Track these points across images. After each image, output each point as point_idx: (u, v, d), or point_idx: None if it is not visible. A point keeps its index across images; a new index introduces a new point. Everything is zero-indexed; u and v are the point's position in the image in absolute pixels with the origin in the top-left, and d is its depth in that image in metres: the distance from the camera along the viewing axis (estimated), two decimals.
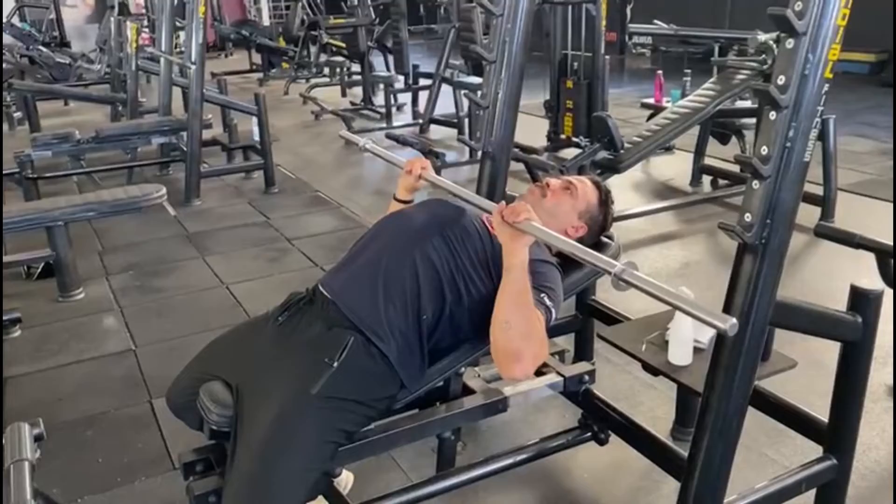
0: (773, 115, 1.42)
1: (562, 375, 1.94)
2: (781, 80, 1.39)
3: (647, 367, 2.07)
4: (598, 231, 1.97)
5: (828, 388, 1.86)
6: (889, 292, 2.00)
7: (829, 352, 1.87)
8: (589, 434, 2.10)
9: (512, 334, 1.56)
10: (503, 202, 1.62)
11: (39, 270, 3.77)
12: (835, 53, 1.38)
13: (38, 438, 1.64)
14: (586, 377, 1.97)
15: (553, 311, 1.69)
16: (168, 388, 1.80)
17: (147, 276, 3.85)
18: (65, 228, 3.48)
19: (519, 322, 1.56)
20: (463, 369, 1.83)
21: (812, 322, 1.73)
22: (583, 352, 2.67)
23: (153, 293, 3.65)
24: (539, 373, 2.00)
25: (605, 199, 1.97)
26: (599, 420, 2.07)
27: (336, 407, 1.54)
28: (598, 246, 1.99)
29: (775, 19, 1.37)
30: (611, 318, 2.51)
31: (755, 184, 1.46)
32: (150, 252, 4.19)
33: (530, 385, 1.92)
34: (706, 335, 2.04)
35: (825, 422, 1.90)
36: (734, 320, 1.23)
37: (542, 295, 1.67)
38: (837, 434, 1.87)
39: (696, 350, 2.02)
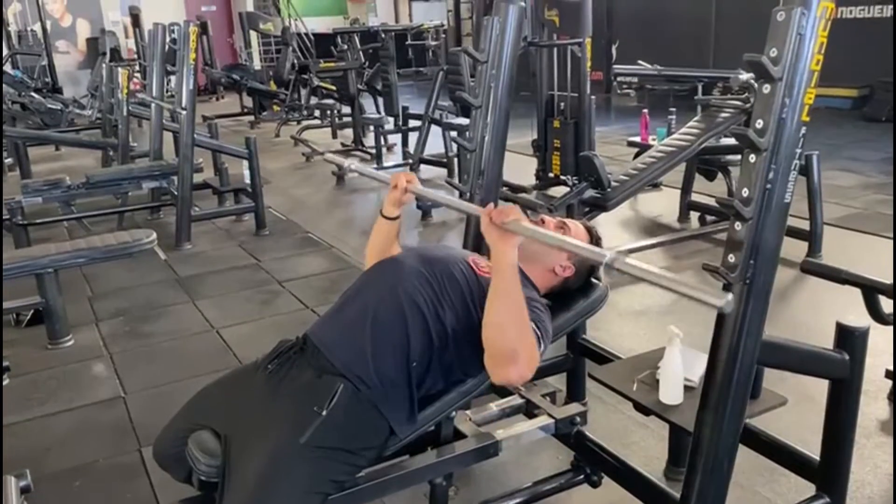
0: (752, 157, 1.45)
1: (553, 417, 1.93)
2: (760, 123, 1.42)
3: (639, 407, 2.07)
4: (585, 274, 1.99)
5: (820, 424, 1.86)
6: (877, 327, 2.02)
7: (819, 387, 1.87)
8: (582, 476, 2.08)
9: (507, 335, 1.57)
10: (490, 204, 1.62)
11: (28, 318, 3.75)
12: (810, 97, 1.42)
13: (24, 490, 1.62)
14: (578, 419, 1.97)
15: (542, 342, 1.68)
16: (155, 439, 1.78)
17: (137, 322, 3.84)
18: (55, 275, 3.47)
19: (513, 322, 1.57)
20: (454, 413, 1.82)
21: (799, 360, 1.74)
22: (574, 391, 2.67)
23: (143, 339, 3.63)
24: (531, 415, 2.00)
25: (595, 243, 1.98)
26: (592, 462, 2.06)
27: (325, 456, 1.53)
28: (587, 287, 2.01)
29: (752, 65, 1.41)
30: (602, 357, 2.51)
31: (738, 225, 1.48)
32: (140, 297, 4.18)
33: (522, 428, 1.92)
34: (696, 373, 2.04)
35: (817, 459, 1.90)
36: (729, 296, 1.19)
37: (532, 324, 1.67)
38: (829, 472, 1.87)
39: (687, 388, 2.02)
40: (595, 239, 2.01)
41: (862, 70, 8.18)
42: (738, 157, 4.80)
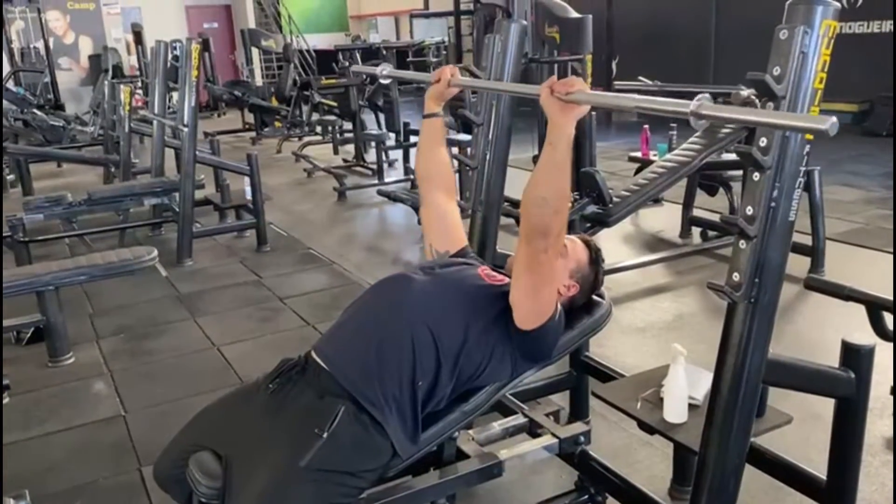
0: (756, 176, 1.44)
1: (557, 437, 1.91)
2: (763, 142, 1.42)
3: (643, 426, 2.05)
4: (589, 290, 1.97)
5: (825, 442, 1.85)
6: (882, 344, 2.00)
7: (824, 404, 1.86)
8: (586, 496, 2.07)
9: (547, 209, 1.57)
10: (553, 77, 1.60)
11: (29, 335, 3.74)
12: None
13: None
14: (581, 438, 1.95)
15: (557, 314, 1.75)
16: (156, 460, 1.77)
17: (138, 339, 3.82)
18: (56, 293, 3.46)
19: (555, 197, 1.57)
20: (457, 433, 1.81)
21: (805, 379, 1.73)
22: (578, 409, 2.65)
23: (144, 356, 3.62)
24: (534, 434, 1.98)
25: (595, 257, 1.95)
26: (596, 482, 2.05)
27: (326, 480, 1.51)
28: (590, 305, 1.99)
29: (755, 84, 1.41)
30: (605, 375, 2.50)
31: (742, 243, 1.48)
32: (141, 314, 4.17)
33: (526, 448, 1.90)
34: (701, 392, 2.03)
35: (823, 479, 1.88)
36: (833, 118, 1.10)
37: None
38: (836, 491, 1.86)
39: (692, 407, 2.01)
40: (594, 254, 1.98)
41: (862, 85, 8.21)
42: (740, 172, 4.78)
